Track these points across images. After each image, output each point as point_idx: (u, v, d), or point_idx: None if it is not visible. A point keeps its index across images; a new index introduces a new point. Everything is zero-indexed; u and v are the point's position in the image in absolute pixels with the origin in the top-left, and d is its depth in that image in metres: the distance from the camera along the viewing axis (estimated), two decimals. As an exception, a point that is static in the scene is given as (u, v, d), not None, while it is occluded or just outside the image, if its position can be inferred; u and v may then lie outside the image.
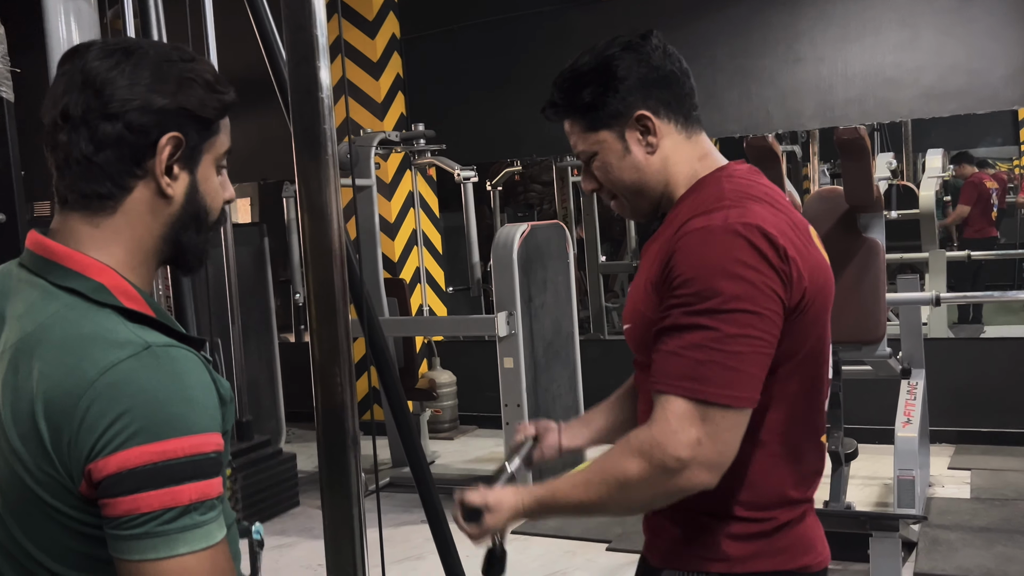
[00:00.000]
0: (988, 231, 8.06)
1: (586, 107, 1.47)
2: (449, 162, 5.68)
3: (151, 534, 0.98)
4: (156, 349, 1.02)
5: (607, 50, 1.47)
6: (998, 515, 4.38)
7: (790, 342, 1.35)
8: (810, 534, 1.46)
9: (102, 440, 0.98)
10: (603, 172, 1.50)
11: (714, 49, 5.97)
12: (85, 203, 1.10)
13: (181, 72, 1.11)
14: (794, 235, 1.37)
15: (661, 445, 1.29)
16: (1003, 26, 5.30)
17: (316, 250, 1.76)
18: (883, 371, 4.46)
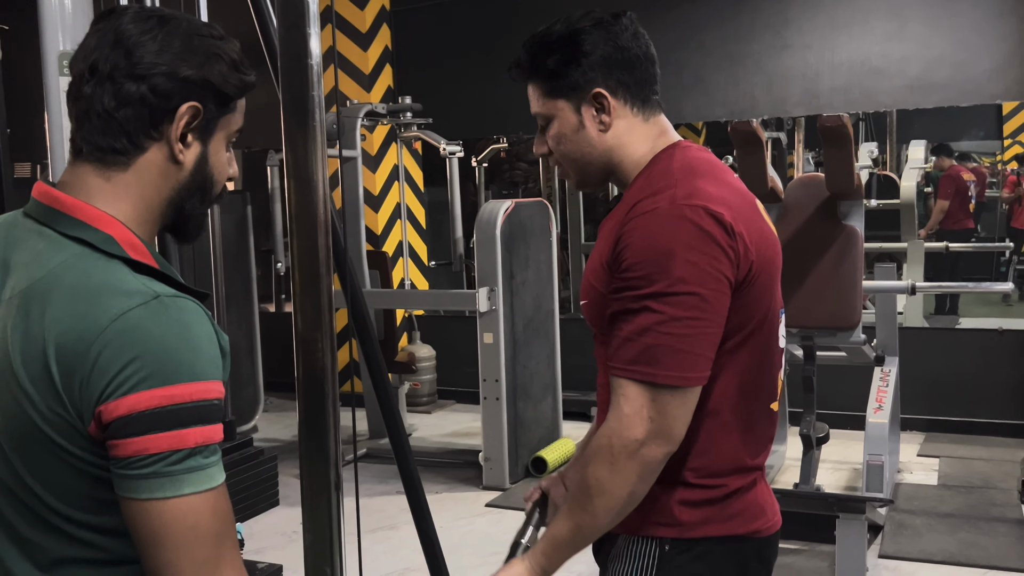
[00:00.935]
0: (965, 223, 8.14)
1: (548, 73, 1.50)
2: (435, 136, 5.68)
3: (158, 474, 1.03)
4: (165, 299, 1.07)
5: (578, 23, 1.50)
6: (963, 502, 4.46)
7: (739, 315, 1.40)
8: (760, 500, 1.50)
9: (113, 383, 1.02)
10: (555, 140, 1.53)
11: (703, 33, 5.99)
12: (100, 156, 1.14)
13: (210, 47, 1.16)
14: (741, 209, 1.41)
15: (618, 432, 1.37)
16: (989, 20, 5.34)
17: (301, 217, 1.77)
18: (857, 357, 4.52)
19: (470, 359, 5.66)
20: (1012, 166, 9.10)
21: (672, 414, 1.36)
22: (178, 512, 1.03)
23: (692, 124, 6.99)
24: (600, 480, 1.39)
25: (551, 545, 1.45)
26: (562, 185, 7.90)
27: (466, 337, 6.40)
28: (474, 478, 5.05)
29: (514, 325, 4.93)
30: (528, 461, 5.05)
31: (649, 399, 1.35)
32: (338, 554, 1.85)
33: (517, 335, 4.96)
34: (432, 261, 7.02)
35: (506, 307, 4.84)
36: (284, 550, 4.13)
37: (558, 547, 1.44)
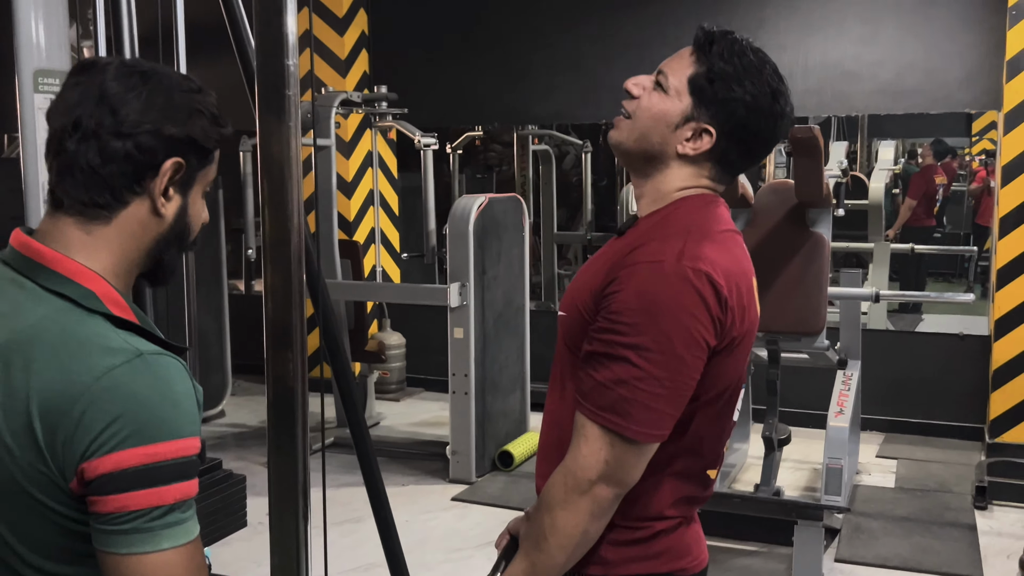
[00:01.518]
0: (927, 221, 8.24)
1: (710, 80, 1.46)
2: (410, 127, 5.68)
3: (138, 530, 1.07)
4: (147, 357, 1.10)
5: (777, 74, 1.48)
6: (919, 506, 4.57)
7: (705, 381, 1.43)
8: (687, 540, 1.54)
9: (97, 441, 1.05)
10: (648, 103, 1.50)
11: (679, 31, 6.00)
12: (82, 209, 1.17)
13: (191, 103, 1.20)
14: (739, 282, 1.44)
15: (572, 471, 1.41)
16: (962, 28, 5.41)
17: (274, 210, 1.76)
18: (820, 361, 4.60)
19: (440, 347, 5.69)
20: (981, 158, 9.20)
21: (629, 464, 1.41)
22: (156, 565, 1.07)
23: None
24: (554, 519, 1.42)
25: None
26: (536, 173, 7.91)
27: (436, 325, 6.42)
28: (441, 470, 5.10)
29: (484, 320, 4.96)
30: (495, 455, 5.10)
31: (609, 445, 1.39)
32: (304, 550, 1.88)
33: (487, 330, 4.99)
34: (404, 253, 7.02)
35: (477, 302, 4.87)
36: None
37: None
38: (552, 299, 7.69)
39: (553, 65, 6.42)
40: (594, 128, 7.69)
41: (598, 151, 7.86)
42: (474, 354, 4.85)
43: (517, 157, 7.96)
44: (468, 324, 4.81)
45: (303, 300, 1.81)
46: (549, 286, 7.77)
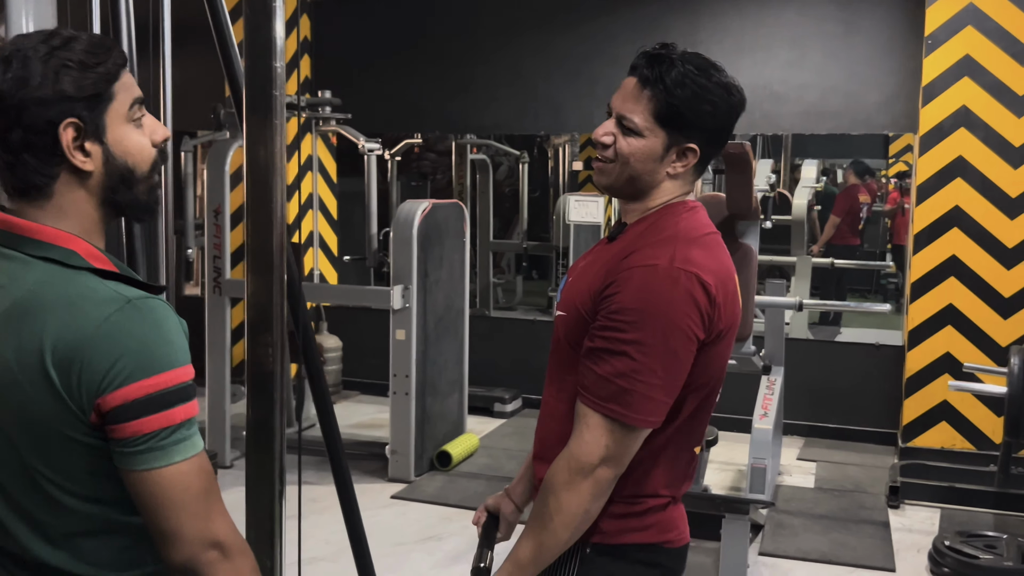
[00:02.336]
0: (851, 239, 8.61)
1: (672, 104, 1.58)
2: (354, 132, 5.76)
3: (152, 449, 1.23)
4: (136, 302, 1.25)
5: (726, 85, 1.62)
6: (837, 504, 4.82)
7: (697, 371, 1.60)
8: (674, 517, 1.72)
9: (106, 380, 1.21)
10: (630, 148, 1.62)
11: (616, 47, 6.23)
12: (26, 194, 1.29)
13: (57, 64, 1.24)
14: (723, 280, 1.61)
15: (576, 456, 1.57)
16: (881, 55, 5.73)
17: (257, 211, 1.86)
18: (746, 367, 4.82)
19: (376, 351, 5.78)
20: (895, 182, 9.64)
21: (627, 447, 1.57)
22: (172, 477, 1.24)
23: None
24: (559, 501, 1.57)
25: (516, 565, 1.61)
26: (473, 183, 8.06)
27: (373, 329, 6.51)
28: (379, 470, 5.19)
29: (426, 322, 5.08)
30: (433, 455, 5.21)
31: (610, 432, 1.55)
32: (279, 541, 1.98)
33: (428, 332, 5.11)
34: (345, 255, 7.09)
35: (419, 305, 4.98)
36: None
37: (523, 566, 1.61)
38: (487, 306, 7.83)
39: (493, 77, 6.59)
40: (530, 140, 7.88)
41: (534, 162, 8.05)
42: (415, 356, 4.96)
43: (455, 166, 8.10)
44: (410, 326, 4.92)
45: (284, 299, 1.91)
46: (484, 293, 7.91)
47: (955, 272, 5.36)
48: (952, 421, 5.43)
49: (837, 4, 5.78)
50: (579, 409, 1.59)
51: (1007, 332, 5.26)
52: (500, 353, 6.58)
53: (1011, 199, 5.25)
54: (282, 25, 1.83)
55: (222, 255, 5.15)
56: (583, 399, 1.59)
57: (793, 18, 5.88)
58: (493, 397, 6.38)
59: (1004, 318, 5.29)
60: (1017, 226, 5.24)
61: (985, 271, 5.31)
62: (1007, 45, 5.18)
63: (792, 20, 5.88)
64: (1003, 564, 3.87)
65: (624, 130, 1.62)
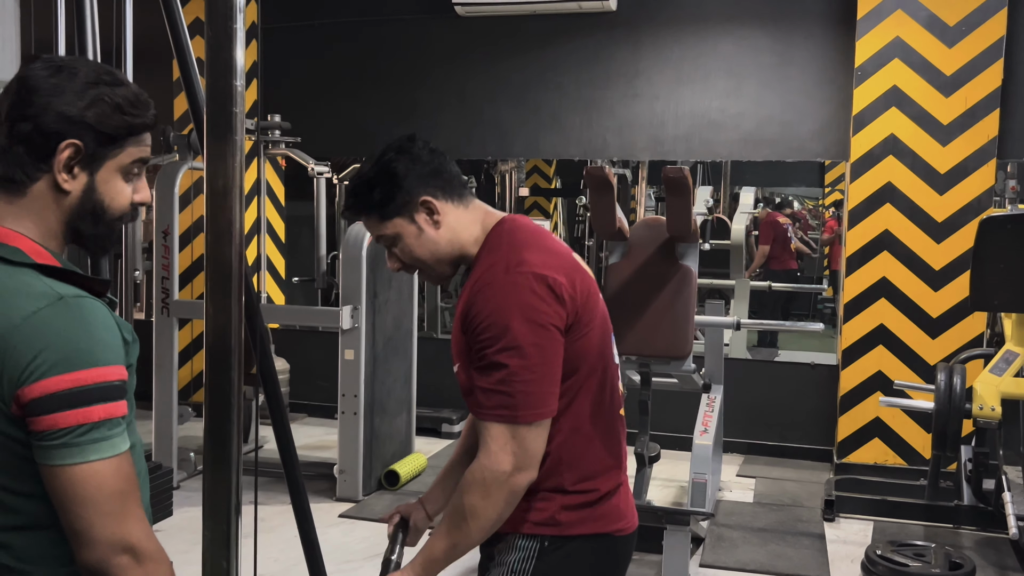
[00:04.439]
0: (789, 263, 8.88)
1: (378, 204, 1.80)
2: (303, 156, 5.83)
3: (67, 444, 1.25)
4: (68, 300, 1.29)
5: (384, 156, 1.82)
6: (775, 518, 4.97)
7: (576, 352, 1.73)
8: (623, 504, 1.85)
9: (27, 370, 1.24)
10: (405, 252, 1.84)
11: (561, 77, 6.40)
12: (3, 184, 1.35)
13: (98, 93, 1.35)
14: (562, 267, 1.75)
15: (489, 467, 1.68)
16: (815, 85, 5.96)
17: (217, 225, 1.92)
18: (687, 385, 4.96)
19: (324, 373, 5.81)
20: (832, 210, 9.95)
21: (531, 444, 1.69)
22: (85, 475, 1.26)
23: (547, 160, 7.40)
24: (474, 506, 1.69)
25: (429, 559, 1.73)
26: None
27: (319, 351, 6.55)
28: (327, 490, 5.22)
29: (375, 343, 5.14)
30: (381, 474, 5.26)
31: (511, 435, 1.67)
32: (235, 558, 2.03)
33: (377, 352, 5.17)
34: (294, 277, 7.12)
35: (368, 325, 5.05)
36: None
37: (435, 561, 1.73)
38: (435, 329, 7.91)
39: (439, 102, 6.70)
40: (477, 165, 8.00)
41: (481, 187, 8.16)
42: (364, 376, 5.01)
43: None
44: (359, 346, 4.98)
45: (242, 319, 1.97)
46: (432, 316, 7.99)
47: (886, 293, 5.58)
48: (884, 437, 5.64)
49: (772, 37, 6.02)
50: (479, 428, 1.72)
51: (935, 351, 5.49)
52: (448, 375, 6.52)
53: (938, 223, 5.49)
54: (242, 45, 1.90)
55: (170, 276, 5.17)
56: (477, 415, 1.71)
57: (730, 50, 6.10)
58: (441, 418, 6.46)
59: (932, 337, 5.52)
60: (944, 249, 5.48)
61: (914, 292, 5.53)
62: (931, 77, 5.44)
63: (729, 52, 6.10)
64: (931, 571, 4.03)
65: (389, 251, 1.86)
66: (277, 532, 4.26)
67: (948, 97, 5.42)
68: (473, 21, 6.51)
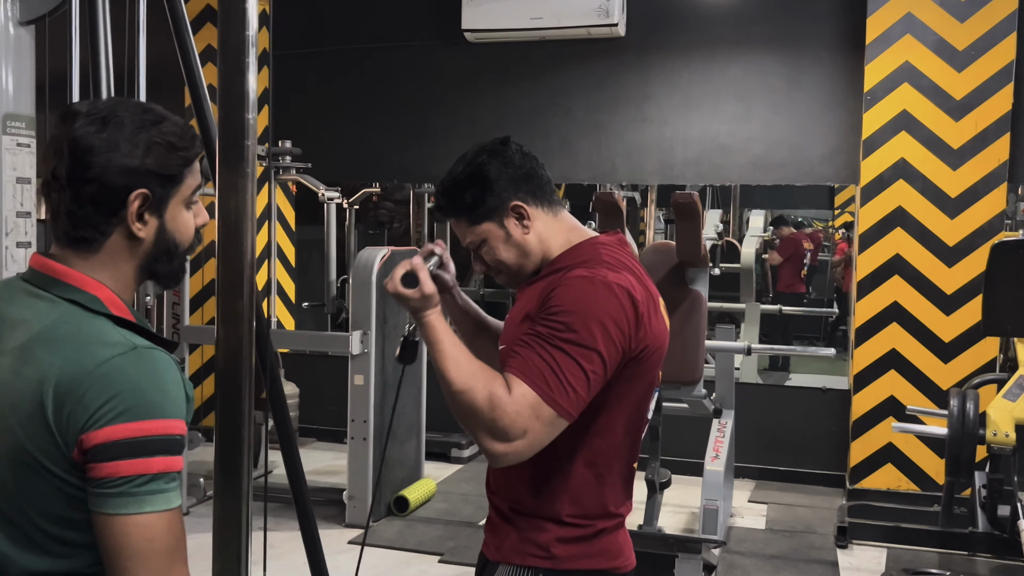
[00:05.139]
0: (797, 287, 8.86)
1: (468, 207, 1.80)
2: (314, 181, 5.85)
3: (125, 494, 1.25)
4: (141, 350, 1.30)
5: (477, 158, 1.81)
6: (788, 545, 4.93)
7: (625, 385, 1.71)
8: (621, 542, 1.81)
9: (95, 416, 1.25)
10: (491, 255, 1.83)
11: (570, 101, 6.42)
12: (74, 243, 1.37)
13: (151, 137, 1.37)
14: (649, 303, 1.74)
15: (509, 414, 1.59)
16: (824, 109, 5.97)
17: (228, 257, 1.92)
18: (698, 410, 4.94)
19: (333, 398, 5.81)
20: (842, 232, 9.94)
21: (541, 438, 1.62)
22: (139, 527, 1.25)
23: (556, 184, 7.40)
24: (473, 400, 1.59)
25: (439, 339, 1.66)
26: (431, 231, 8.17)
27: (329, 376, 6.55)
28: (336, 516, 5.20)
29: (384, 368, 5.14)
30: (391, 500, 5.24)
31: (538, 414, 1.60)
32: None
33: (387, 377, 5.17)
34: (304, 302, 7.13)
35: (378, 350, 5.04)
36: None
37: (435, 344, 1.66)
38: (444, 353, 7.89)
39: (449, 126, 6.73)
40: (487, 189, 8.01)
41: (490, 211, 8.18)
42: (373, 401, 5.01)
43: (413, 214, 8.20)
44: (368, 371, 4.97)
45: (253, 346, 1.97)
46: (441, 340, 7.97)
47: (897, 318, 5.55)
48: (897, 463, 5.59)
49: (781, 61, 6.03)
50: (508, 380, 1.62)
51: (947, 375, 5.45)
52: (457, 399, 6.61)
53: (949, 247, 5.47)
54: (254, 78, 1.91)
55: (181, 302, 5.18)
56: (515, 372, 1.62)
57: (739, 74, 6.11)
58: (450, 443, 6.43)
59: (944, 362, 5.49)
60: (955, 273, 5.46)
61: (926, 317, 5.51)
62: (941, 101, 5.44)
63: (738, 76, 6.11)
64: (946, 599, 3.99)
65: (476, 254, 1.85)
66: (287, 559, 4.23)
67: (958, 121, 5.42)
68: (482, 47, 6.54)
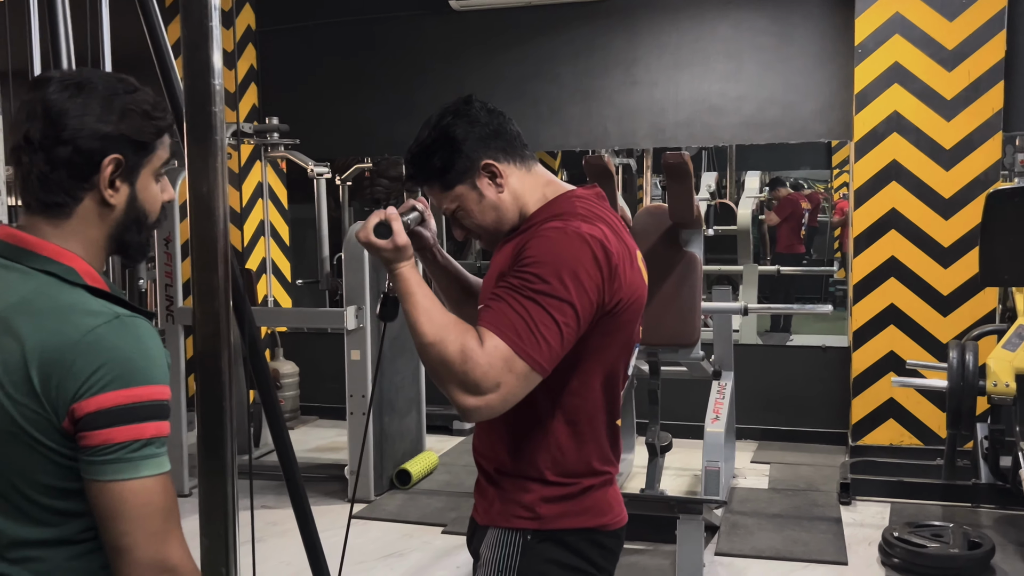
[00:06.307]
0: (797, 247, 8.81)
1: (439, 171, 1.75)
2: (303, 157, 5.81)
3: (120, 460, 1.26)
4: (124, 318, 1.31)
5: (441, 120, 1.76)
6: (790, 503, 4.93)
7: (601, 339, 1.68)
8: (608, 498, 1.78)
9: (85, 385, 1.25)
10: (468, 219, 1.79)
11: (558, 68, 6.35)
12: (45, 209, 1.36)
13: (125, 104, 1.36)
14: (623, 254, 1.70)
15: (481, 366, 1.53)
16: (815, 66, 5.90)
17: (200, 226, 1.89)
18: (697, 372, 4.92)
19: (333, 375, 5.79)
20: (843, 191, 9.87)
21: (517, 385, 1.56)
22: (136, 491, 1.27)
23: (550, 152, 7.36)
24: (445, 352, 1.54)
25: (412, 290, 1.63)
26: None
27: (328, 353, 6.53)
28: (339, 491, 5.21)
29: (381, 342, 5.09)
30: (393, 473, 5.24)
31: (510, 368, 1.54)
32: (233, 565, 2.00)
33: (384, 352, 5.15)
34: (298, 279, 7.11)
35: (373, 324, 5.02)
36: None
37: (408, 295, 1.64)
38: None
39: (437, 97, 6.57)
40: (479, 160, 7.95)
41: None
42: (371, 375, 4.99)
43: (406, 189, 8.15)
44: (365, 346, 4.95)
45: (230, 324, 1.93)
46: (439, 314, 7.95)
47: (895, 273, 5.52)
48: (899, 418, 5.58)
49: (770, 17, 5.95)
50: (481, 332, 1.57)
51: (947, 329, 5.42)
52: (457, 371, 6.60)
53: (945, 200, 5.42)
54: (219, 45, 1.87)
55: (174, 283, 5.15)
56: (488, 325, 1.57)
57: (728, 32, 6.04)
58: (451, 415, 6.42)
59: (943, 315, 5.46)
60: (952, 226, 5.42)
61: (923, 271, 5.47)
62: (933, 52, 5.37)
63: (727, 34, 6.04)
64: (949, 551, 3.98)
65: (454, 220, 1.81)
66: (290, 535, 4.23)
67: (951, 71, 5.35)
68: (468, 15, 6.47)
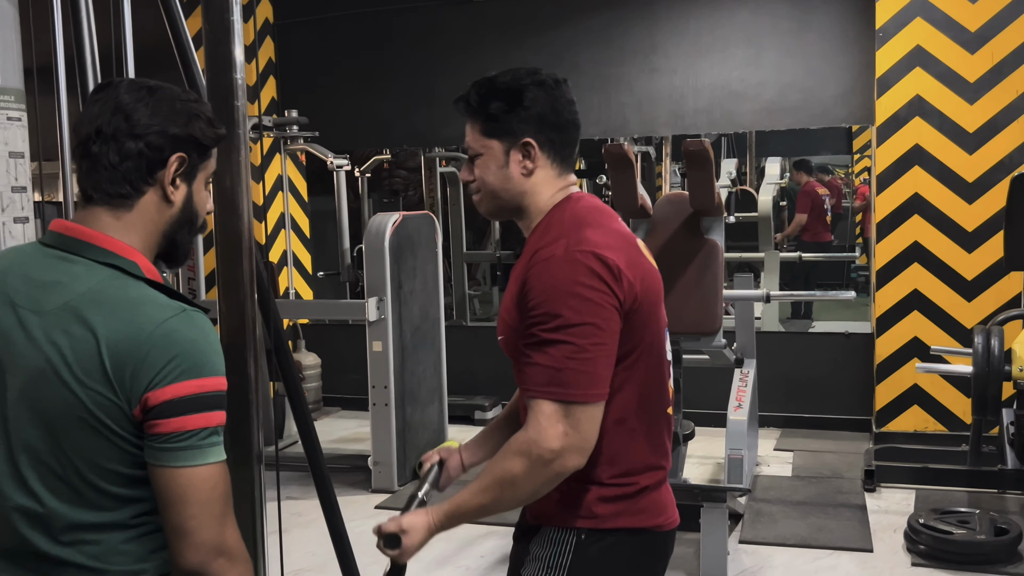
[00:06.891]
0: (824, 236, 8.72)
1: (489, 115, 1.73)
2: (322, 150, 5.83)
3: (190, 447, 1.34)
4: (190, 312, 1.39)
5: (524, 78, 1.74)
6: (814, 491, 4.91)
7: (630, 337, 1.67)
8: (663, 499, 1.77)
9: (159, 375, 1.32)
10: (481, 170, 1.77)
11: (577, 55, 6.33)
12: (109, 200, 1.43)
13: (190, 109, 1.46)
14: (624, 249, 1.69)
15: (536, 442, 1.60)
16: (836, 50, 5.85)
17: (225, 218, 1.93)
18: (719, 360, 4.90)
19: (355, 366, 5.82)
20: (863, 176, 9.80)
21: (584, 427, 1.61)
22: (204, 477, 1.34)
23: (568, 140, 7.32)
24: (514, 477, 1.62)
25: (456, 512, 1.67)
26: (444, 196, 8.13)
27: (351, 344, 6.55)
28: (363, 482, 5.23)
29: (402, 333, 5.13)
30: (415, 464, 5.26)
31: (563, 415, 1.59)
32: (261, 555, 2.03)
33: (405, 342, 5.16)
34: (319, 271, 7.14)
35: (394, 316, 5.04)
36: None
37: (460, 516, 1.68)
38: (464, 317, 7.90)
39: (456, 87, 6.56)
40: (498, 150, 7.95)
41: (503, 172, 8.12)
42: (393, 366, 5.01)
43: (425, 179, 8.17)
44: (387, 337, 4.97)
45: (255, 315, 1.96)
46: (460, 305, 7.97)
47: (918, 258, 5.48)
48: (923, 404, 5.54)
49: (790, 2, 5.91)
50: (528, 405, 1.64)
51: (971, 314, 5.38)
52: (478, 362, 6.63)
53: (968, 184, 5.37)
54: (240, 39, 1.89)
55: (196, 276, 5.19)
56: (527, 394, 1.63)
57: (747, 18, 6.00)
58: (473, 405, 6.45)
59: (968, 300, 5.41)
60: (975, 210, 5.37)
61: (947, 255, 5.43)
62: (955, 34, 5.31)
63: (746, 20, 6.00)
64: (976, 538, 3.96)
65: (472, 160, 1.79)
66: (314, 526, 4.26)
67: (974, 54, 5.29)
68: (486, 5, 6.46)
